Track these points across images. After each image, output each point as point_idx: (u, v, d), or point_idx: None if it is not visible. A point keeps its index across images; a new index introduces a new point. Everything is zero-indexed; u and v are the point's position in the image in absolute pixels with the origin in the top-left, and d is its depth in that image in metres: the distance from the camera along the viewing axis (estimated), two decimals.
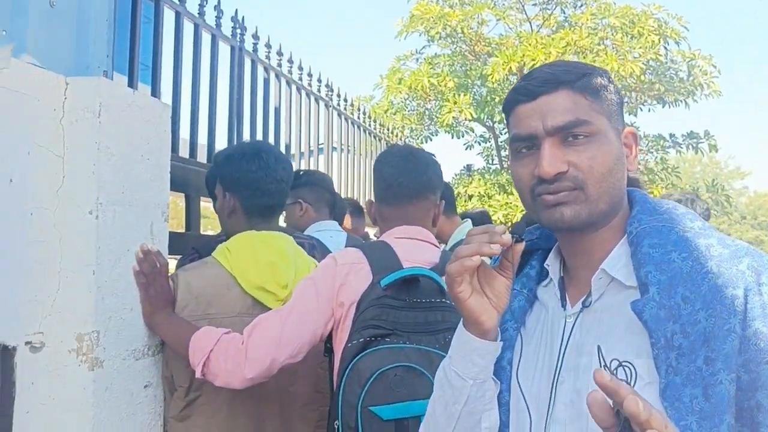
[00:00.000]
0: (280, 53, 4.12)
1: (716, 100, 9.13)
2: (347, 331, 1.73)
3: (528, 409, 1.08)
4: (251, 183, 2.04)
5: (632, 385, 0.96)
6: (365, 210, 2.02)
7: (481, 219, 4.26)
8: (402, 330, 1.68)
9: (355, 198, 5.11)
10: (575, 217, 1.03)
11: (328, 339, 1.84)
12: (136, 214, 1.85)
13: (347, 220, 3.77)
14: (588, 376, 1.01)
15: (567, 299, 1.11)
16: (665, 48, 8.45)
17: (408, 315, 1.70)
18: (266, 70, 3.96)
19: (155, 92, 2.78)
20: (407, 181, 1.92)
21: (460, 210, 5.60)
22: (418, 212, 1.93)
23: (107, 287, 1.73)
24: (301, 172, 3.09)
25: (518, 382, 1.11)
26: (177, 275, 1.95)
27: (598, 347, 1.02)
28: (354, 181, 5.60)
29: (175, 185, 2.70)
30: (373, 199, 2.01)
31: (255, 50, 3.79)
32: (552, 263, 1.16)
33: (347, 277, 1.79)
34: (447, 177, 8.93)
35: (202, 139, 3.27)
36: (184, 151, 3.02)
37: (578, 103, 1.04)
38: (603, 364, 1.01)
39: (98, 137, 1.71)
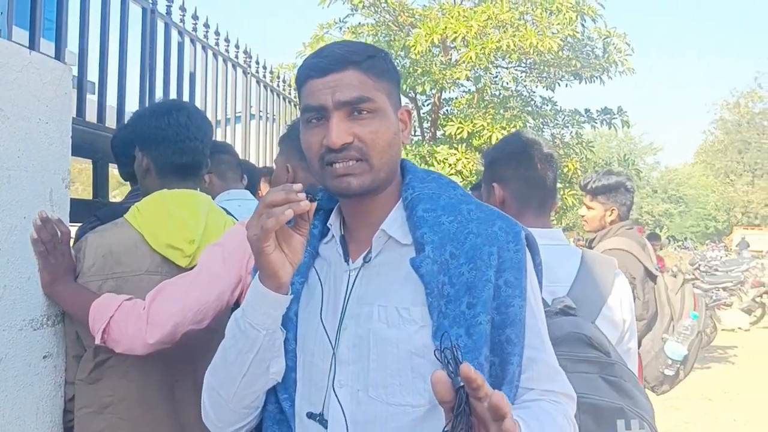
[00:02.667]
0: (195, 17, 4.01)
1: (630, 77, 9.44)
2: None
3: (307, 353, 1.22)
4: (162, 141, 1.99)
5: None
6: (283, 179, 1.97)
7: None
8: None
9: (273, 167, 5.06)
10: (360, 186, 1.17)
11: (237, 307, 1.83)
12: (33, 180, 1.78)
13: (264, 188, 3.74)
14: (370, 323, 1.18)
15: (349, 255, 1.25)
16: (582, 25, 8.65)
17: None
18: (180, 34, 3.85)
19: (59, 51, 2.66)
20: None
21: None
22: None
23: (1, 256, 1.67)
24: None
25: (300, 331, 1.23)
26: (86, 237, 1.90)
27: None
28: (274, 149, 5.54)
29: (81, 150, 2.61)
30: (295, 164, 1.95)
31: (168, 13, 3.68)
32: (334, 222, 1.29)
33: None
34: None
35: (112, 103, 3.16)
36: (92, 116, 2.92)
37: (364, 82, 1.17)
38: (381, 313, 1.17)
39: None
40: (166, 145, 1.99)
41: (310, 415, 1.20)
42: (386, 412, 1.14)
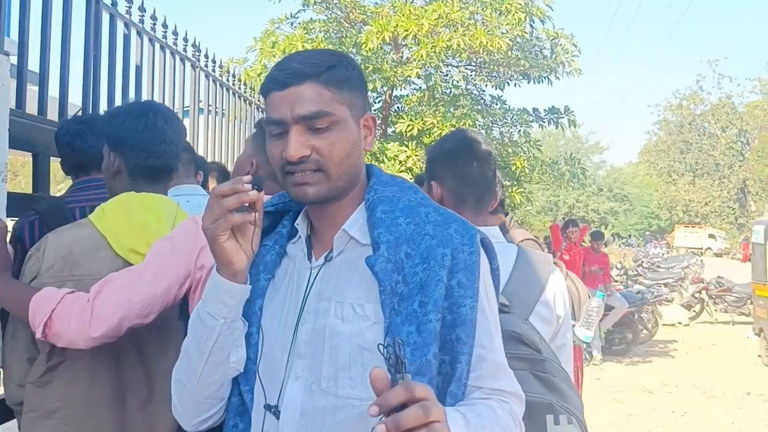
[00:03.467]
0: (142, 9, 3.94)
1: (578, 78, 9.62)
2: None
3: (267, 347, 1.26)
4: (136, 143, 1.95)
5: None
6: (244, 170, 1.98)
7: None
8: None
9: (222, 162, 5.00)
10: (316, 194, 1.23)
11: (185, 303, 1.82)
12: None
13: (212, 184, 3.69)
14: (326, 318, 1.22)
15: (312, 254, 1.30)
16: (531, 26, 8.78)
17: None
18: (126, 26, 3.78)
19: None
20: None
21: None
22: None
23: None
24: None
25: (263, 325, 1.27)
26: (47, 237, 1.85)
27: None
28: (222, 145, 5.48)
29: (20, 143, 2.55)
30: (261, 161, 1.96)
31: (114, 4, 3.60)
32: (301, 223, 1.34)
33: None
34: None
35: (54, 94, 3.09)
36: (32, 107, 2.84)
37: (322, 95, 1.20)
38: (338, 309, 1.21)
39: None
40: (141, 148, 1.95)
41: (267, 407, 1.24)
42: (335, 404, 1.19)
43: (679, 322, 13.55)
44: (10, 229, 1.97)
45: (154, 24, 4.13)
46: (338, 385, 1.19)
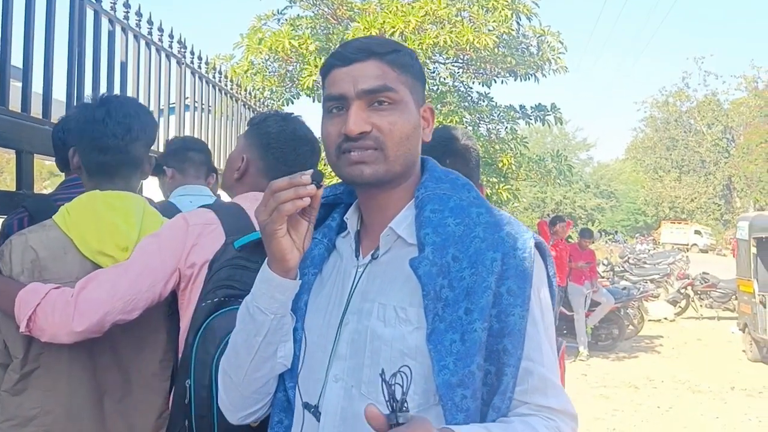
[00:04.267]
0: (127, 5, 3.93)
1: (564, 75, 9.63)
2: (197, 291, 1.71)
3: (310, 344, 1.22)
4: (85, 137, 1.92)
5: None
6: (235, 166, 1.98)
7: None
8: None
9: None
10: (373, 174, 1.16)
11: (174, 300, 1.82)
12: None
13: None
14: (369, 320, 1.17)
15: (360, 250, 1.26)
16: (517, 23, 8.78)
17: None
18: (111, 22, 3.76)
19: None
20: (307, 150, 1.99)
21: None
22: None
23: None
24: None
25: (306, 322, 1.24)
26: (11, 240, 1.82)
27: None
28: (208, 141, 5.46)
29: (3, 140, 2.54)
30: (251, 157, 1.97)
31: (98, 0, 3.59)
32: (351, 217, 1.29)
33: (199, 237, 1.77)
34: None
35: (38, 91, 3.07)
36: (16, 104, 2.83)
37: (387, 73, 1.17)
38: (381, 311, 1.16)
39: None
40: (86, 142, 1.92)
41: (306, 406, 1.21)
42: None
43: (665, 318, 13.64)
44: None
45: (139, 20, 4.11)
46: (378, 392, 1.11)
